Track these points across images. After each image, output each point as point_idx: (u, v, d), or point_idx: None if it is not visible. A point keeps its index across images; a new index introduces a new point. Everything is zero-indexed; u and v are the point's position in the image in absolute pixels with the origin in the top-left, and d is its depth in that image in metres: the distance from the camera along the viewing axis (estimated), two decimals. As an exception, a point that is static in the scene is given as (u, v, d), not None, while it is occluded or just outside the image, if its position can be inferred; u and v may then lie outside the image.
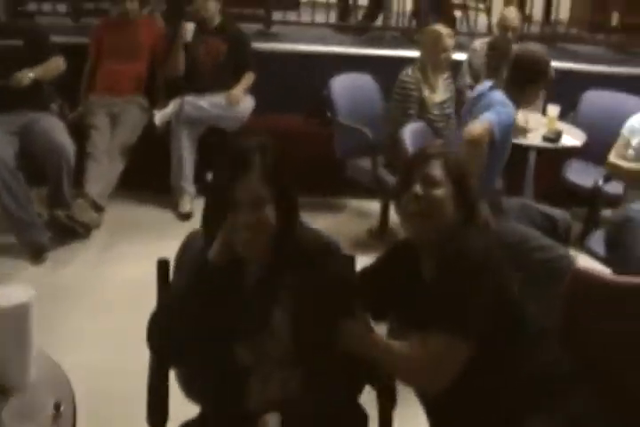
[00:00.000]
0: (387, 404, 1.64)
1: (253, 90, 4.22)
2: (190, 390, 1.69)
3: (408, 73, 3.69)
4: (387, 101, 3.97)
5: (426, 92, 3.68)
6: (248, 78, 4.18)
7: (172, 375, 1.70)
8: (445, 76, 3.83)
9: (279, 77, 4.38)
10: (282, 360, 1.50)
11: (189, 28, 4.17)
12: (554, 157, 3.19)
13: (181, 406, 1.69)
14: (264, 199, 1.45)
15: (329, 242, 1.63)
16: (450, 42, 3.71)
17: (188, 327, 1.47)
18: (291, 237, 1.50)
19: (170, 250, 1.71)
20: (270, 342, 1.50)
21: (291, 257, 1.51)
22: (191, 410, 1.67)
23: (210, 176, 3.99)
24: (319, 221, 3.82)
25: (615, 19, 5.66)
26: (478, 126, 2.82)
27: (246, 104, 4.18)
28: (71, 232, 3.57)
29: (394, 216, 3.76)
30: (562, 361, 1.51)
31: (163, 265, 1.74)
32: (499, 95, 2.94)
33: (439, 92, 3.76)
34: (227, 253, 1.47)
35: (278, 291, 1.50)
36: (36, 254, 3.42)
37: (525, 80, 2.94)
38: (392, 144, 3.56)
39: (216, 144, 4.05)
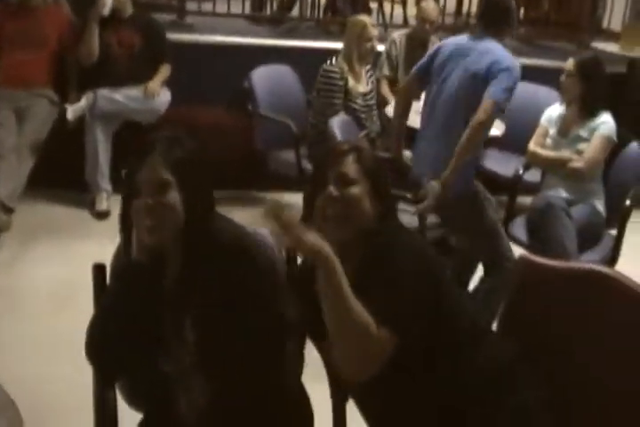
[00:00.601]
0: (338, 398, 1.61)
1: (170, 82, 4.10)
2: (129, 399, 1.62)
3: (332, 63, 3.67)
4: (307, 93, 3.96)
5: (351, 83, 3.69)
6: (165, 70, 4.07)
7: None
8: (368, 67, 3.85)
9: (196, 69, 4.28)
10: (196, 368, 1.47)
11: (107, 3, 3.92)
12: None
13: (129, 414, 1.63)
14: (166, 183, 1.42)
15: (246, 241, 1.52)
16: (374, 31, 3.74)
17: (120, 334, 1.43)
18: (202, 231, 1.46)
19: (87, 250, 1.64)
20: (184, 350, 1.47)
21: (204, 255, 1.46)
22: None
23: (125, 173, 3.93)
24: (239, 215, 3.67)
25: (521, 12, 5.85)
26: (483, 113, 2.60)
27: (163, 97, 4.06)
28: None
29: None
30: (504, 354, 1.50)
31: (98, 270, 1.63)
32: (496, 51, 2.69)
33: (363, 83, 3.77)
34: (145, 250, 1.44)
35: (189, 293, 1.46)
36: None
37: (502, 23, 2.78)
38: (317, 135, 3.59)
39: (132, 139, 3.83)
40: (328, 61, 3.70)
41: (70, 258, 3.21)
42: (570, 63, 3.13)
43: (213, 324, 1.42)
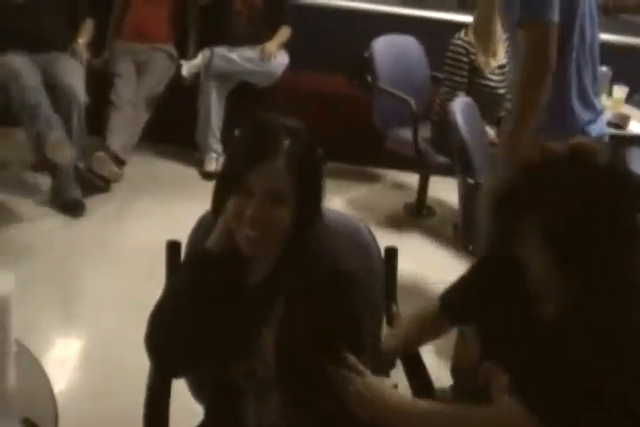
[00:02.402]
0: None
1: (288, 45, 3.98)
2: (195, 392, 1.55)
3: (461, 36, 3.39)
4: (432, 69, 3.74)
5: (481, 58, 3.38)
6: (284, 33, 3.95)
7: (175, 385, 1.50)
8: (504, 37, 3.41)
9: (316, 34, 4.12)
10: (272, 384, 1.32)
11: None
12: (617, 145, 2.98)
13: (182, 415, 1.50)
14: (284, 194, 1.21)
15: (347, 268, 1.33)
16: None
17: (190, 328, 1.27)
18: (302, 246, 1.29)
19: (191, 210, 1.55)
20: (259, 364, 1.32)
21: (296, 270, 1.29)
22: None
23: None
24: (351, 191, 3.84)
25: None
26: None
27: (280, 60, 3.94)
28: (90, 185, 3.45)
29: (433, 192, 3.69)
30: None
31: (172, 248, 1.48)
32: None
33: (499, 55, 3.43)
34: (226, 243, 1.27)
35: (271, 306, 1.30)
36: (74, 210, 3.32)
37: None
38: (442, 118, 3.31)
39: (246, 101, 3.88)
40: (456, 35, 3.42)
41: (173, 216, 3.14)
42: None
43: (294, 342, 1.27)
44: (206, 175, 3.81)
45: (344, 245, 1.41)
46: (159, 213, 3.36)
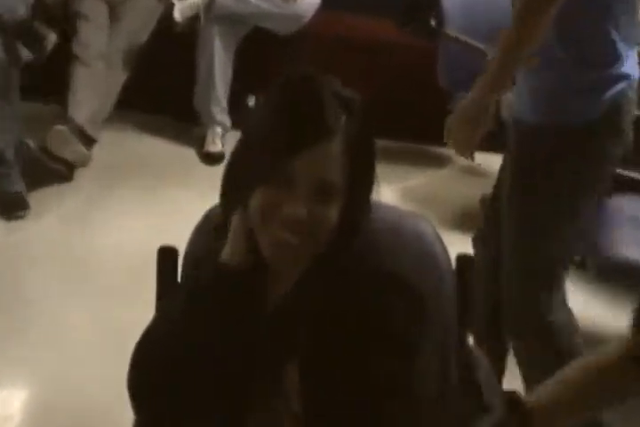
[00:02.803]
0: None
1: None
2: None
3: None
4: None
5: None
6: None
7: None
8: None
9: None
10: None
11: None
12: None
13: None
14: (336, 188, 1.24)
15: (390, 262, 1.38)
16: None
17: (187, 373, 1.29)
18: (339, 255, 1.32)
19: (187, 206, 1.59)
20: (281, 403, 1.35)
21: (327, 284, 1.32)
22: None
23: (252, 101, 3.95)
24: (413, 178, 3.86)
25: None
26: None
27: (309, -1, 3.74)
28: (46, 172, 3.38)
29: None
30: None
31: (166, 256, 1.49)
32: None
33: None
34: (250, 253, 1.29)
35: (299, 325, 1.33)
36: (12, 209, 3.24)
37: None
38: None
39: (263, 57, 3.87)
40: None
41: (161, 214, 3.27)
42: None
43: (329, 376, 1.30)
44: (208, 157, 3.79)
45: (405, 253, 1.47)
46: (142, 211, 3.33)
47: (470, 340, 1.68)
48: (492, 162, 3.64)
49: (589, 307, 3.06)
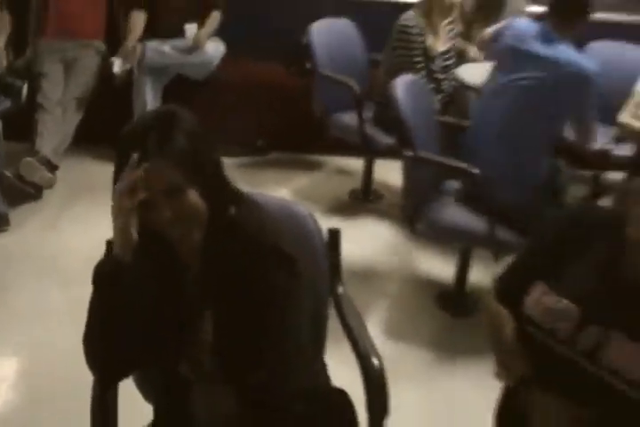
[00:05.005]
0: (377, 412, 1.52)
1: (225, 35, 4.03)
2: (144, 392, 1.58)
3: (409, 17, 3.45)
4: (369, 50, 3.82)
5: (429, 40, 3.48)
6: (214, 19, 3.97)
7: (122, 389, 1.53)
8: (448, 20, 3.60)
9: (252, 22, 4.21)
10: (218, 374, 1.38)
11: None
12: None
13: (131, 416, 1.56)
14: (178, 184, 1.25)
15: (276, 238, 1.39)
16: None
17: (128, 332, 1.31)
18: (223, 218, 1.34)
19: None
20: (203, 355, 1.38)
21: (226, 246, 1.34)
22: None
23: None
24: (295, 180, 3.94)
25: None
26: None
27: (215, 49, 3.98)
28: (21, 194, 3.42)
29: (379, 175, 3.83)
30: None
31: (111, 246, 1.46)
32: (580, 62, 2.56)
33: (442, 41, 3.56)
34: (129, 243, 1.28)
35: (209, 290, 1.36)
36: None
37: (577, 16, 2.66)
38: (386, 98, 3.32)
39: (183, 95, 3.87)
40: (404, 16, 3.47)
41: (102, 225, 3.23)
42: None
43: (233, 321, 1.34)
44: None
45: (285, 229, 1.45)
46: (98, 221, 3.30)
47: (340, 290, 1.73)
48: (356, 164, 3.92)
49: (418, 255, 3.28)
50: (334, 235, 1.71)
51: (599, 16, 4.44)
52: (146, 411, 1.55)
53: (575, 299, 1.34)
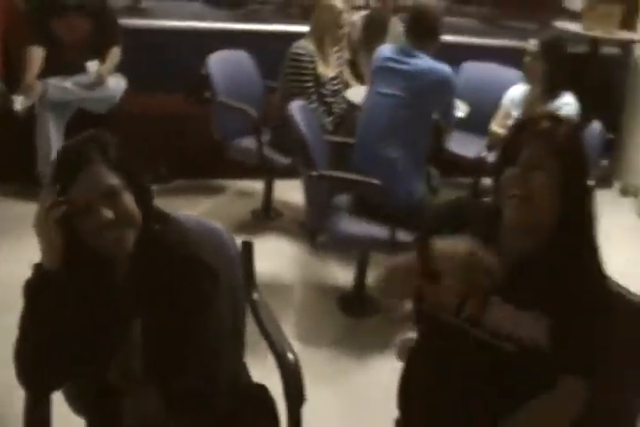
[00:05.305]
0: (295, 401, 1.62)
1: (126, 70, 4.06)
2: (75, 406, 1.61)
3: (301, 45, 3.67)
4: (265, 78, 3.98)
5: (320, 67, 3.70)
6: (114, 54, 3.99)
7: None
8: (336, 48, 3.85)
9: (152, 56, 4.25)
10: (147, 379, 1.44)
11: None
12: (436, 128, 3.31)
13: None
14: (116, 187, 1.38)
15: (197, 249, 1.49)
16: (349, 17, 3.80)
17: (57, 345, 1.36)
18: (151, 231, 1.44)
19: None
20: (132, 358, 1.43)
21: (152, 259, 1.43)
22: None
23: None
24: (200, 205, 4.01)
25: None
26: None
27: (116, 84, 4.00)
28: None
29: (278, 195, 4.01)
30: None
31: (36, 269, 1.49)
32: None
33: (331, 67, 3.79)
34: (56, 252, 1.35)
35: (138, 298, 1.43)
36: None
37: (430, 35, 2.97)
38: (283, 122, 3.50)
39: (84, 128, 3.85)
40: (295, 44, 3.69)
41: (21, 256, 3.11)
42: (533, 44, 3.19)
43: (160, 328, 1.41)
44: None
45: (204, 242, 1.56)
46: (4, 258, 3.27)
47: (256, 296, 1.85)
48: (256, 186, 4.07)
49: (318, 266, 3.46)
50: (247, 246, 1.83)
51: (469, 40, 4.85)
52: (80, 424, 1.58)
53: None
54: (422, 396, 1.54)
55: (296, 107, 3.07)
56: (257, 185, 4.11)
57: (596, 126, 3.22)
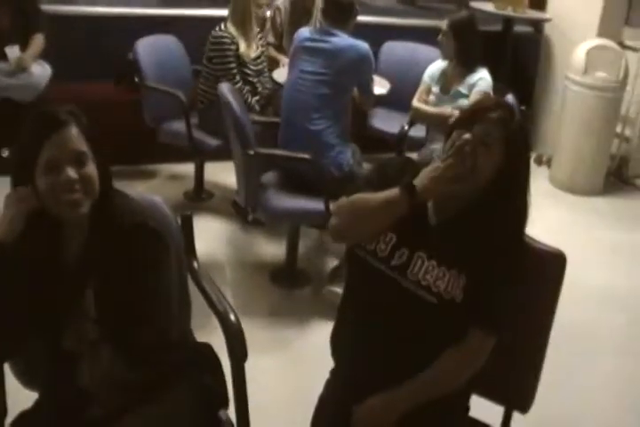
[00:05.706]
0: (238, 357, 1.70)
1: (52, 58, 4.02)
2: (25, 379, 1.67)
3: (222, 28, 3.73)
4: (192, 62, 4.02)
5: (242, 48, 3.76)
6: (37, 41, 3.96)
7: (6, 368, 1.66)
8: (257, 30, 3.93)
9: (78, 43, 4.26)
10: (104, 342, 1.49)
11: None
12: (358, 105, 3.45)
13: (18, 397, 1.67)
14: (85, 154, 1.45)
15: (142, 212, 1.58)
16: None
17: (7, 315, 1.42)
18: (108, 204, 1.51)
19: None
20: (86, 324, 1.48)
21: (106, 229, 1.50)
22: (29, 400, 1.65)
23: (6, 153, 3.96)
24: (134, 189, 3.83)
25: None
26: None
27: (40, 71, 3.96)
28: None
29: (208, 177, 4.10)
30: None
31: None
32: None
33: (253, 48, 3.85)
34: (14, 229, 1.42)
35: (91, 267, 1.49)
36: None
37: (346, 14, 3.10)
38: (209, 104, 3.70)
39: (10, 118, 3.65)
40: (217, 27, 3.74)
41: None
42: (444, 23, 3.36)
43: (114, 291, 1.46)
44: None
45: (150, 212, 1.65)
46: None
47: (196, 265, 1.91)
48: (187, 169, 4.13)
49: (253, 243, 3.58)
50: (187, 219, 1.92)
51: (390, 20, 5.01)
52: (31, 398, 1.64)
53: (393, 229, 1.59)
54: (349, 343, 1.66)
55: (225, 88, 3.16)
56: (188, 168, 4.19)
57: (510, 99, 3.39)
